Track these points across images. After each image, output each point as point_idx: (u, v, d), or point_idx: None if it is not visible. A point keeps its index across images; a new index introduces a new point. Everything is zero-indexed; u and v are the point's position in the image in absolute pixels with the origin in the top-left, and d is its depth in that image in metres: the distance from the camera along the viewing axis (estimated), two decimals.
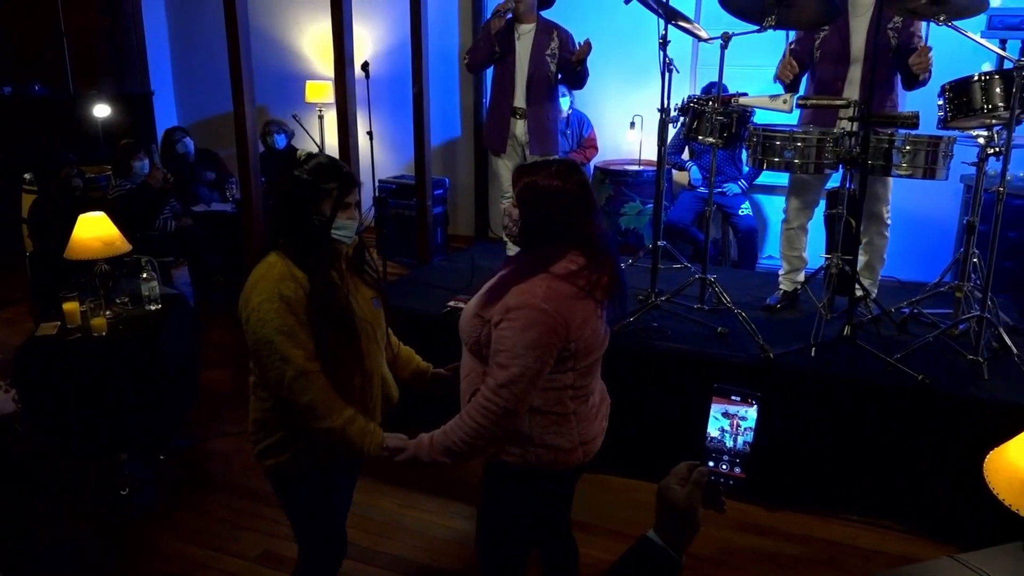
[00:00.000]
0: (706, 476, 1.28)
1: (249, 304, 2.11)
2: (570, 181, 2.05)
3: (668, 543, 1.24)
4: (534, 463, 2.12)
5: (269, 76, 7.37)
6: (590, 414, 2.20)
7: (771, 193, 6.24)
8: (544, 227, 2.06)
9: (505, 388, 1.97)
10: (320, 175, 2.13)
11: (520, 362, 1.95)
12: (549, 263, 2.02)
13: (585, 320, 2.02)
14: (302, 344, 2.09)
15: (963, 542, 2.93)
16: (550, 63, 4.61)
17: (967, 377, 3.32)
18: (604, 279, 2.06)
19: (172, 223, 5.55)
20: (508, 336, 1.97)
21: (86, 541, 3.33)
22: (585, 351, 2.06)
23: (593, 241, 2.07)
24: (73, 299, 3.48)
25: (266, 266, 2.14)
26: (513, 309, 1.98)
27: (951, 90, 3.41)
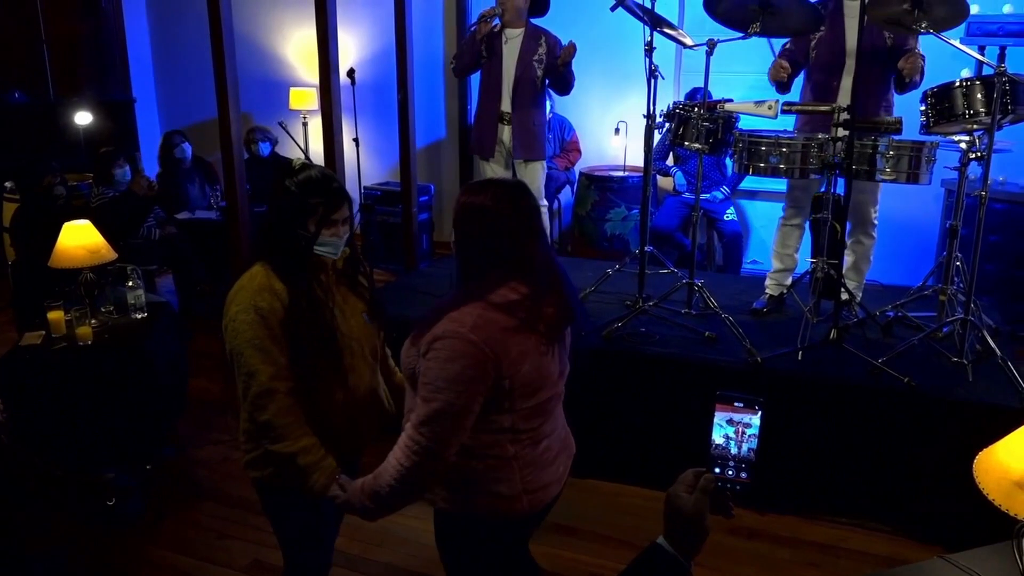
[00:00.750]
0: (713, 483, 1.28)
1: (228, 314, 2.09)
2: (508, 205, 1.88)
3: (677, 549, 1.25)
4: (474, 511, 1.98)
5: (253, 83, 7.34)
6: (541, 459, 2.00)
7: (755, 198, 6.29)
8: (480, 255, 1.91)
9: (426, 426, 1.82)
10: (307, 190, 2.08)
11: (442, 396, 1.80)
12: (487, 291, 1.88)
13: (522, 355, 1.86)
14: (272, 360, 2.04)
15: (950, 543, 2.96)
16: (537, 68, 4.62)
17: (952, 379, 3.36)
18: (549, 311, 1.92)
19: (156, 231, 5.52)
20: (432, 367, 1.83)
21: (73, 552, 3.29)
22: (524, 390, 1.89)
23: (536, 269, 1.91)
24: (58, 308, 3.45)
25: (248, 276, 2.11)
26: (439, 339, 1.82)
27: (933, 96, 3.45)
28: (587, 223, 6.04)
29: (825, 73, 3.89)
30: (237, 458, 3.97)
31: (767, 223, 6.31)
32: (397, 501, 1.92)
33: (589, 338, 3.76)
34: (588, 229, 6.04)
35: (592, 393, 3.67)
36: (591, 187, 6.02)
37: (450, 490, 1.98)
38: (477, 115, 4.91)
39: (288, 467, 2.10)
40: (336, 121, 5.01)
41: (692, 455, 2.16)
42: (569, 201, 6.52)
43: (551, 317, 1.93)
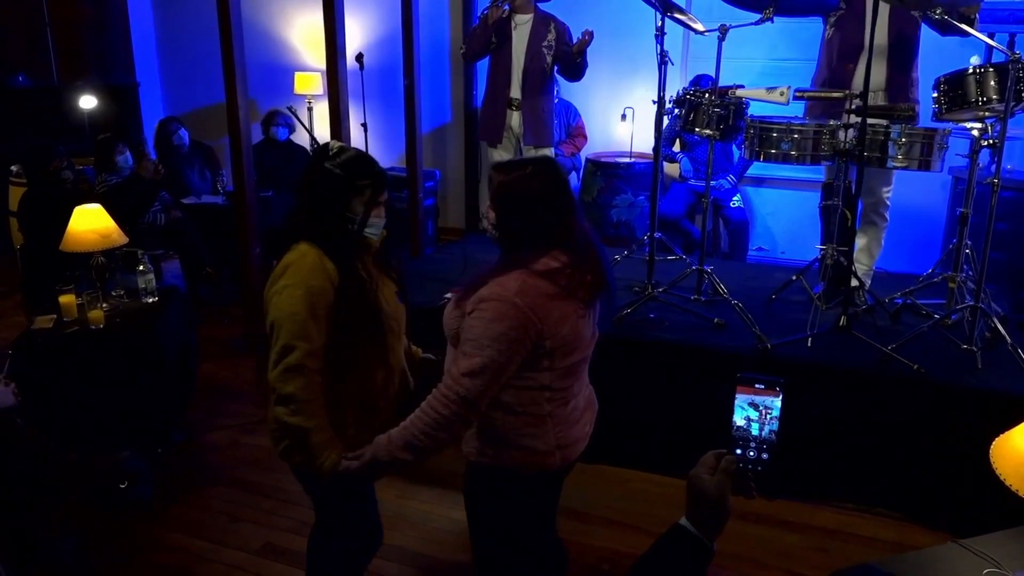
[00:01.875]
0: (734, 464, 1.30)
1: (274, 287, 2.11)
2: (547, 181, 2.01)
3: (700, 530, 1.26)
4: (509, 465, 2.09)
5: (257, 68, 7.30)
6: (570, 417, 2.14)
7: (761, 185, 6.29)
8: (523, 228, 2.02)
9: (467, 377, 1.92)
10: (353, 171, 2.11)
11: (485, 353, 1.91)
12: (530, 260, 1.99)
13: (563, 319, 1.98)
14: (309, 339, 2.07)
15: (958, 529, 2.97)
16: (546, 55, 4.61)
17: (961, 366, 3.37)
18: (587, 278, 2.03)
19: (162, 216, 5.51)
20: (476, 326, 1.94)
21: (86, 534, 3.31)
22: (563, 351, 2.01)
23: (575, 239, 2.04)
24: (70, 292, 3.46)
25: (298, 254, 2.12)
26: (485, 300, 1.94)
27: (945, 83, 3.45)
28: (593, 209, 6.03)
29: (842, 57, 3.87)
30: (247, 442, 4.02)
31: (773, 210, 6.32)
32: (432, 448, 1.99)
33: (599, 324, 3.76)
34: (594, 215, 6.03)
35: (602, 379, 3.64)
36: (597, 173, 6.01)
37: (488, 444, 2.09)
38: (485, 101, 4.89)
39: (297, 442, 2.12)
40: (343, 106, 4.99)
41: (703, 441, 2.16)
42: (575, 187, 6.51)
43: (589, 284, 2.04)
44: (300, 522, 3.41)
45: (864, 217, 4.01)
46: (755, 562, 3.15)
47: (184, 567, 3.15)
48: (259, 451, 3.95)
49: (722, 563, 3.14)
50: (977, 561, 2.01)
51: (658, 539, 1.30)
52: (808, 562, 3.14)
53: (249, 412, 4.31)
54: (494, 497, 2.19)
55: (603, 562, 3.12)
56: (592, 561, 3.11)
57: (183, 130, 6.15)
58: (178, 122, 6.25)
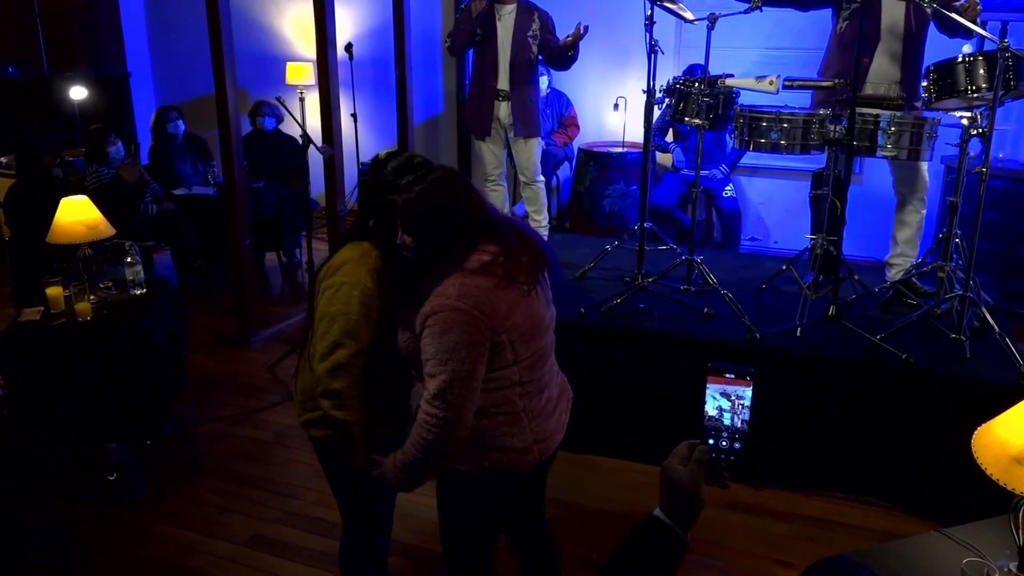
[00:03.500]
0: (707, 454, 1.30)
1: (333, 279, 2.14)
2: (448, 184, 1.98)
3: (674, 521, 1.26)
4: (489, 468, 2.06)
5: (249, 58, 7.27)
6: (545, 409, 2.12)
7: (754, 175, 6.28)
8: (444, 238, 1.99)
9: (438, 398, 1.90)
10: (392, 171, 2.11)
11: (448, 367, 1.89)
12: (461, 261, 1.96)
13: (511, 307, 1.96)
14: (360, 338, 2.11)
15: (946, 518, 2.98)
16: (532, 44, 4.59)
17: (950, 356, 3.37)
18: (523, 259, 2.01)
19: (153, 207, 5.49)
20: (429, 343, 1.91)
21: (74, 526, 3.31)
22: (523, 339, 2.00)
23: (497, 228, 2.02)
24: (56, 284, 3.44)
25: (361, 251, 2.15)
26: (430, 315, 1.91)
27: (935, 71, 3.44)
28: (585, 199, 6.03)
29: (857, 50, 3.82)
30: (237, 434, 4.02)
31: (765, 200, 6.31)
32: (427, 471, 2.02)
33: (588, 315, 3.76)
34: (586, 205, 6.03)
35: (591, 369, 3.68)
36: (590, 163, 6.00)
37: (466, 450, 2.05)
38: (471, 94, 4.85)
39: (339, 433, 2.18)
40: (334, 96, 4.98)
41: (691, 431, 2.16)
42: (568, 177, 6.50)
43: (526, 265, 2.02)
44: (289, 513, 3.41)
45: (904, 207, 3.99)
46: (742, 551, 3.16)
47: (173, 559, 3.15)
48: (249, 443, 3.95)
49: (709, 552, 3.15)
50: (960, 550, 2.02)
51: (633, 530, 1.30)
52: (795, 551, 3.15)
53: (240, 404, 4.30)
54: (472, 500, 2.17)
55: (592, 551, 3.13)
56: (582, 550, 3.12)
57: (180, 120, 6.12)
58: (177, 111, 6.20)
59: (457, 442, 1.96)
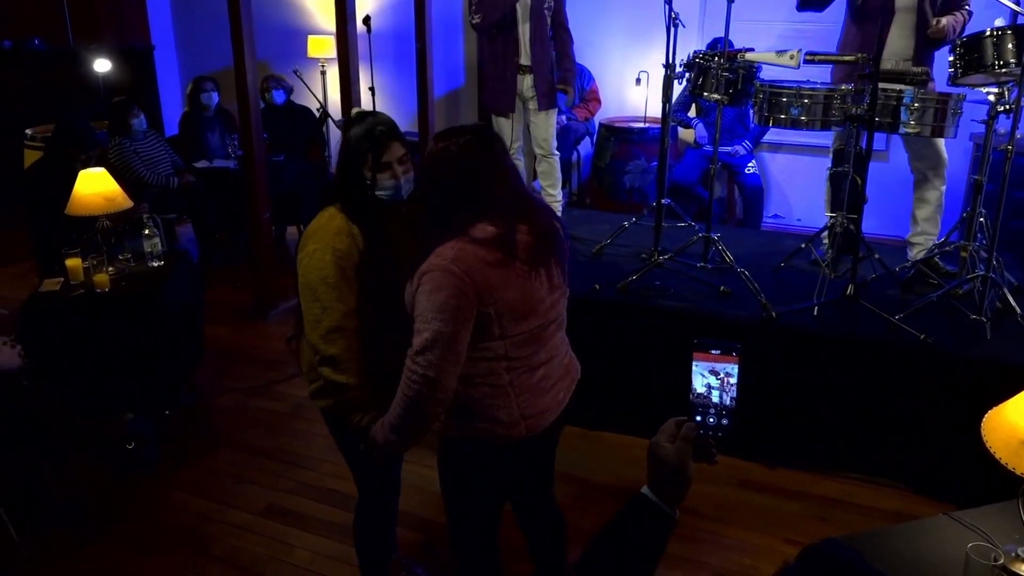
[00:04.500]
0: (694, 431, 1.29)
1: (304, 249, 2.18)
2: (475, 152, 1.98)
3: (662, 499, 1.25)
4: (476, 437, 2.09)
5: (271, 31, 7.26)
6: (538, 386, 2.11)
7: (778, 151, 6.19)
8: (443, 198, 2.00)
9: (421, 355, 1.92)
10: (354, 138, 2.17)
11: (432, 326, 1.90)
12: (466, 227, 1.97)
13: (504, 284, 1.96)
14: (343, 299, 2.14)
15: (961, 501, 2.93)
16: (547, 17, 4.53)
17: (970, 337, 3.32)
18: (525, 238, 2.01)
19: (174, 179, 5.53)
20: (421, 300, 1.93)
21: (92, 495, 3.38)
22: (512, 317, 1.99)
23: (505, 209, 2.00)
24: (76, 255, 3.48)
25: (327, 216, 2.20)
26: (426, 273, 1.94)
27: (962, 46, 3.36)
28: (606, 175, 5.98)
29: (873, 22, 3.75)
30: (254, 405, 4.07)
31: (789, 177, 6.22)
32: (409, 430, 2.01)
33: (604, 291, 3.74)
34: (607, 181, 5.98)
35: (606, 346, 3.67)
36: (611, 138, 5.94)
37: (454, 417, 2.09)
38: (491, 73, 4.74)
39: (341, 398, 2.19)
40: (353, 70, 4.97)
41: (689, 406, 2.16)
42: (588, 153, 6.45)
43: (528, 244, 2.02)
44: (303, 484, 3.46)
45: (923, 185, 3.92)
46: (752, 529, 3.15)
47: (188, 526, 3.20)
48: (266, 414, 3.99)
49: (718, 530, 3.14)
50: (968, 534, 1.99)
51: (621, 508, 1.30)
52: (807, 530, 3.13)
53: (257, 376, 4.35)
54: (463, 468, 2.19)
55: None
56: (591, 527, 3.12)
57: (215, 93, 6.12)
58: (212, 82, 6.20)
59: (438, 403, 1.96)
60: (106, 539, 3.13)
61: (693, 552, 3.03)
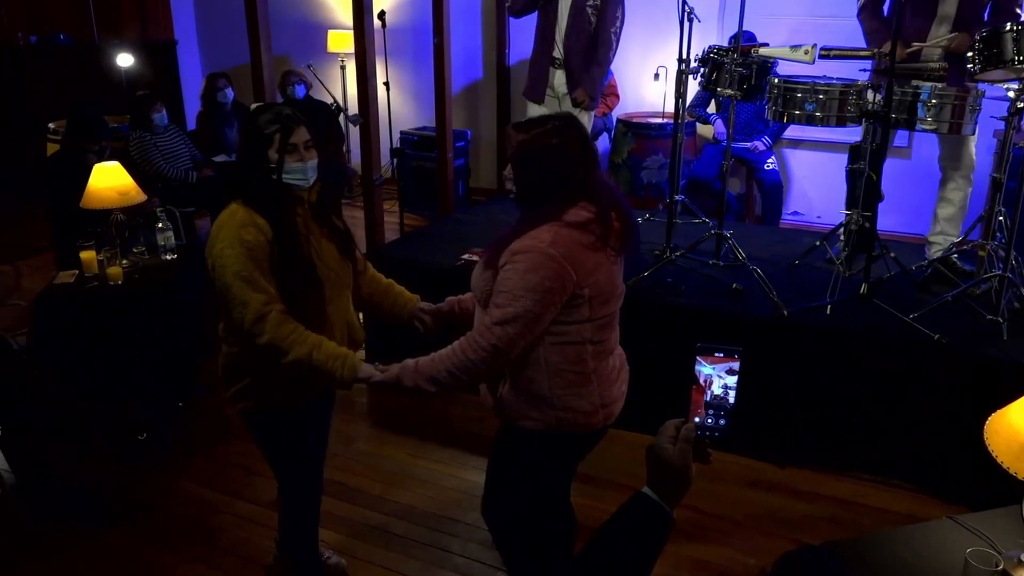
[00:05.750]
0: (694, 432, 1.28)
1: (212, 251, 2.17)
2: (567, 137, 2.01)
3: (662, 498, 1.25)
4: (554, 426, 2.09)
5: (291, 25, 7.32)
6: (611, 376, 2.15)
7: (798, 147, 6.12)
8: (543, 185, 2.02)
9: (499, 326, 1.94)
10: (263, 122, 2.19)
11: (519, 303, 1.92)
12: (560, 213, 1.99)
13: (597, 267, 1.99)
14: (261, 288, 2.14)
15: (975, 504, 2.89)
16: (591, 15, 4.45)
17: (985, 337, 3.26)
18: (616, 226, 2.04)
19: (193, 173, 5.58)
20: (509, 277, 1.94)
21: (104, 484, 3.42)
22: (600, 299, 2.03)
23: (599, 192, 2.04)
24: (90, 248, 3.53)
25: (228, 214, 2.20)
26: (518, 252, 1.95)
27: (981, 41, 3.28)
28: (623, 171, 5.95)
29: (917, 16, 3.68)
30: None
31: (809, 173, 6.15)
32: (453, 387, 2.04)
33: None
34: (624, 177, 5.94)
35: None
36: (628, 134, 5.91)
37: (532, 407, 2.09)
38: (532, 58, 4.78)
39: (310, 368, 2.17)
40: (370, 64, 4.97)
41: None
42: (606, 148, 6.42)
43: (619, 232, 2.05)
44: None
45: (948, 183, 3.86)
46: (759, 529, 3.12)
47: (197, 517, 3.23)
48: None
49: (726, 529, 3.12)
50: (970, 538, 1.96)
51: (621, 506, 1.30)
52: (815, 531, 3.09)
53: None
54: (535, 459, 2.18)
55: None
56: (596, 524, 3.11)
57: (229, 89, 6.17)
58: (226, 79, 6.25)
59: (492, 372, 2.02)
60: (117, 528, 3.17)
61: (698, 551, 3.00)
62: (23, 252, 6.07)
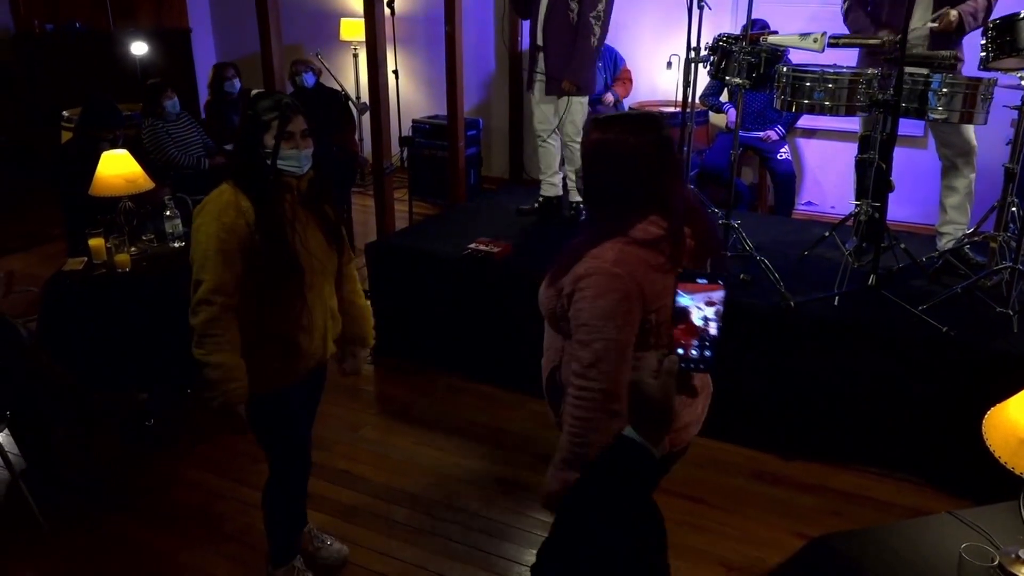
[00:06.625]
0: (676, 364, 1.25)
1: (193, 224, 2.24)
2: (644, 138, 1.82)
3: (645, 437, 1.22)
4: None
5: (303, 13, 7.32)
6: (683, 401, 1.96)
7: (812, 137, 6.06)
8: (610, 188, 1.86)
9: (592, 368, 1.79)
10: (261, 108, 2.22)
11: (601, 335, 1.78)
12: (626, 227, 1.82)
13: (666, 290, 1.78)
14: (218, 274, 2.18)
15: (981, 498, 2.86)
16: (571, 2, 4.40)
17: (995, 330, 3.22)
18: (690, 243, 1.87)
19: (206, 161, 5.60)
20: (583, 308, 1.80)
21: (111, 470, 3.45)
22: (668, 326, 1.81)
23: (674, 204, 1.85)
24: (99, 235, 3.55)
25: (216, 193, 2.25)
26: (583, 277, 1.80)
27: (995, 28, 3.24)
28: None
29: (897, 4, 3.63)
30: None
31: (823, 163, 6.09)
32: (588, 454, 1.83)
33: None
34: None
35: None
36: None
37: None
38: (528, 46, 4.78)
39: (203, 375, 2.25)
40: (380, 52, 4.96)
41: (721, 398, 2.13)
42: None
43: (692, 250, 1.89)
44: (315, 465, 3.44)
45: (950, 173, 3.81)
46: (761, 521, 3.11)
47: (202, 503, 3.26)
48: None
49: (730, 521, 3.11)
50: (968, 532, 1.94)
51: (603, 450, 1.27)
52: (819, 524, 3.07)
53: None
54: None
55: None
56: None
57: (237, 80, 6.18)
58: (233, 68, 6.26)
59: (615, 416, 1.78)
60: (123, 513, 3.20)
61: (701, 542, 2.99)
62: (38, 239, 6.14)
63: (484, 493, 3.30)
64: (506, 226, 4.61)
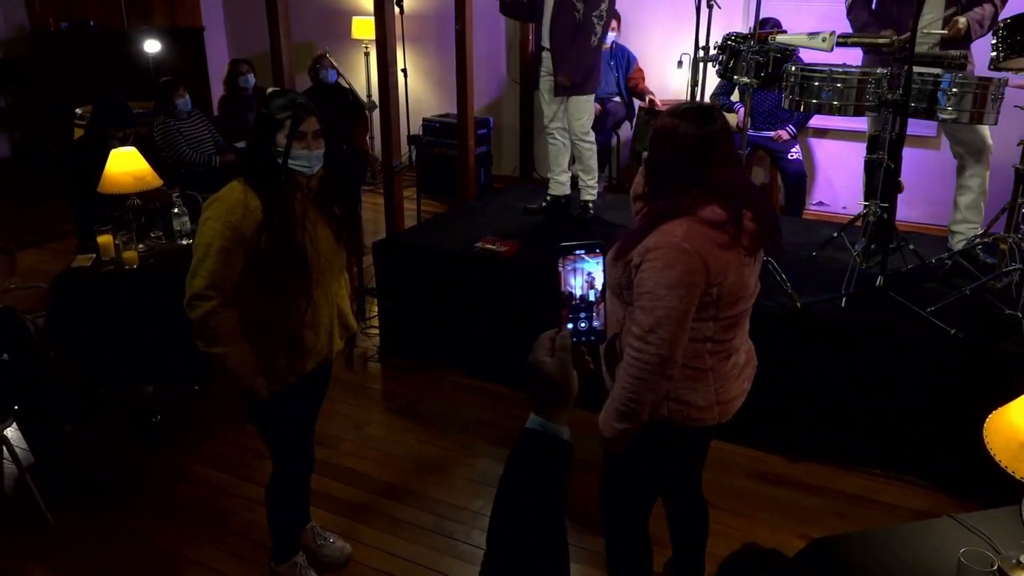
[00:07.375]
0: (569, 339, 1.21)
1: (200, 217, 2.26)
2: (697, 125, 1.96)
3: (550, 419, 1.18)
4: (666, 418, 2.07)
5: (316, 12, 7.34)
6: (731, 373, 2.12)
7: (824, 136, 6.02)
8: (669, 174, 1.99)
9: (653, 333, 1.91)
10: (275, 107, 2.24)
11: (664, 303, 1.90)
12: (694, 208, 1.95)
13: (728, 265, 1.95)
14: (216, 270, 2.19)
15: (990, 501, 2.83)
16: (577, 3, 4.38)
17: (1004, 332, 3.19)
18: (751, 226, 1.99)
19: (216, 158, 5.62)
20: (648, 277, 1.92)
21: (117, 465, 3.48)
22: (729, 300, 1.99)
23: (729, 194, 1.97)
24: (107, 232, 3.58)
25: (228, 190, 2.27)
26: (652, 249, 1.93)
27: (1006, 28, 3.21)
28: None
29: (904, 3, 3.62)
30: None
31: (835, 163, 6.05)
32: (642, 412, 2.00)
33: None
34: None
35: None
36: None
37: None
38: None
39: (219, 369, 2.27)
40: (391, 51, 4.96)
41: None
42: (628, 137, 6.37)
43: (753, 231, 2.00)
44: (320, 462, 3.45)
45: (965, 171, 3.79)
46: (765, 522, 3.09)
47: (206, 498, 3.28)
48: None
49: (733, 523, 3.09)
50: (969, 537, 1.92)
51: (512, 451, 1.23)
52: (823, 526, 3.05)
53: None
54: (644, 447, 2.13)
55: None
56: None
57: (251, 75, 6.19)
58: (248, 64, 6.27)
59: (668, 380, 1.98)
60: (129, 508, 3.22)
61: None
62: (52, 235, 6.19)
63: (489, 492, 3.30)
64: (514, 225, 4.61)
